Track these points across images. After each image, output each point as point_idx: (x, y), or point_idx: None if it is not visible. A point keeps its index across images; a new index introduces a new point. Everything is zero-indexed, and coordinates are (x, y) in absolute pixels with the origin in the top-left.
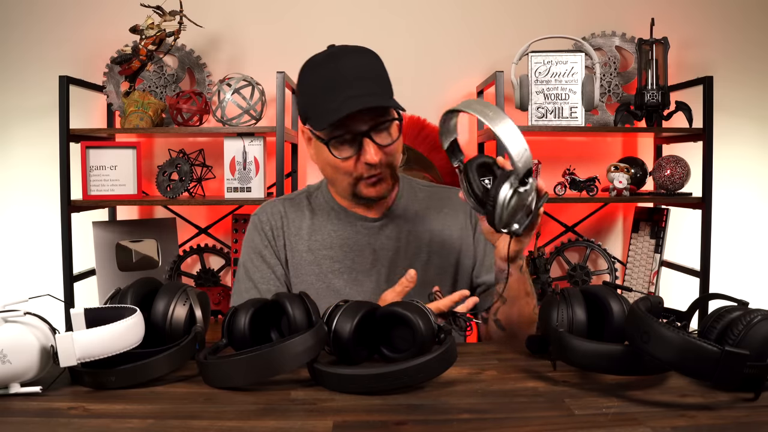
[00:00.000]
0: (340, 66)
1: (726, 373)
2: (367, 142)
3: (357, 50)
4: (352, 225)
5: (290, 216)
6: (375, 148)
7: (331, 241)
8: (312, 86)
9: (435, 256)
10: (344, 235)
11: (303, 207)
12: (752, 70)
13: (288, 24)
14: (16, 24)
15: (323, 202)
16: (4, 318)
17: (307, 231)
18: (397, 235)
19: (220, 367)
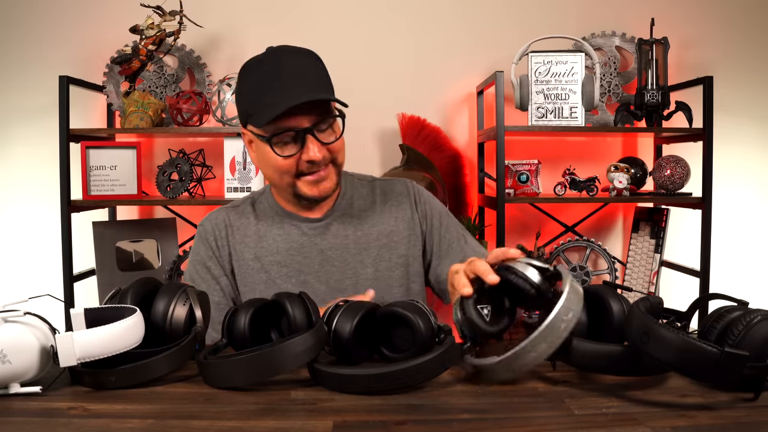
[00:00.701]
0: (280, 65)
1: (726, 374)
2: (310, 139)
3: (296, 50)
4: (297, 227)
5: (235, 225)
6: (318, 145)
7: (277, 246)
8: (252, 85)
9: (384, 250)
10: (290, 239)
11: (248, 214)
12: (752, 69)
13: (288, 24)
14: (16, 24)
15: (267, 207)
16: (4, 318)
17: (253, 238)
18: (343, 233)
19: (220, 367)
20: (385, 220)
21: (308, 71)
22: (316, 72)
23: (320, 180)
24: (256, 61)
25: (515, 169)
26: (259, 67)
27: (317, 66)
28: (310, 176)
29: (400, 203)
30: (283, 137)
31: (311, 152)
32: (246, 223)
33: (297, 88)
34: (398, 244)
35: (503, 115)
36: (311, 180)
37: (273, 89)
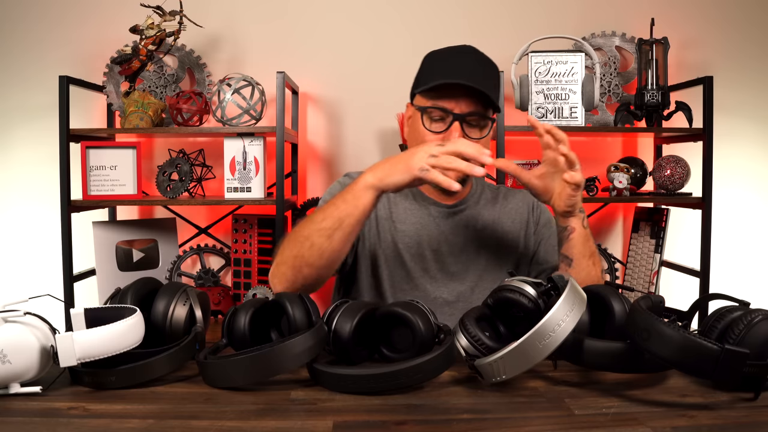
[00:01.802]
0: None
1: (726, 372)
2: (456, 126)
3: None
4: (426, 208)
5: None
6: (461, 133)
7: (406, 217)
8: (432, 58)
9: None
10: (418, 214)
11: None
12: (752, 69)
13: (288, 24)
14: (17, 24)
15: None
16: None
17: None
18: (466, 222)
19: (220, 367)
20: (504, 219)
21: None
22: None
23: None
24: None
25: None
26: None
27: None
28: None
29: (519, 207)
30: (435, 114)
31: (452, 136)
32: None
33: (469, 75)
34: (513, 242)
35: (503, 115)
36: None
37: (450, 65)
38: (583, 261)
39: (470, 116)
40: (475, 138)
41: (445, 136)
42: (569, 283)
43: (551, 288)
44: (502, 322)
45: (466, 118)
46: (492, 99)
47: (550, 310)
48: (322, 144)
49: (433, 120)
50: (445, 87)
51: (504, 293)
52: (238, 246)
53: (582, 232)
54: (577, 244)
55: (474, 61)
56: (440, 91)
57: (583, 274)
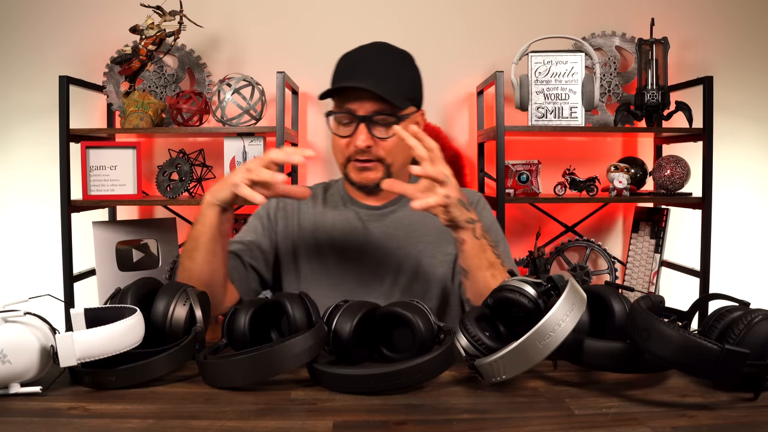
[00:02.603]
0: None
1: (726, 372)
2: (360, 128)
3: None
4: (355, 212)
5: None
6: (366, 134)
7: (333, 225)
8: (339, 63)
9: (431, 246)
10: (345, 221)
11: (317, 196)
12: (752, 69)
13: (288, 24)
14: (16, 24)
15: (336, 192)
16: (4, 318)
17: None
18: (396, 224)
19: (220, 367)
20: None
21: (387, 68)
22: (395, 72)
23: (365, 169)
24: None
25: (515, 169)
26: (352, 52)
27: (401, 67)
28: (358, 162)
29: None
30: (343, 117)
31: (358, 139)
32: (314, 201)
33: (366, 77)
34: (447, 243)
35: (503, 115)
36: (358, 166)
37: (352, 68)
38: (479, 273)
39: (375, 116)
40: (382, 137)
41: (352, 139)
42: (569, 283)
43: (551, 288)
44: (502, 322)
45: (372, 118)
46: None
47: (550, 310)
48: (322, 144)
49: (341, 124)
50: (348, 90)
51: (504, 293)
52: None
53: (474, 243)
54: (470, 256)
55: (382, 59)
56: (345, 95)
57: (480, 285)
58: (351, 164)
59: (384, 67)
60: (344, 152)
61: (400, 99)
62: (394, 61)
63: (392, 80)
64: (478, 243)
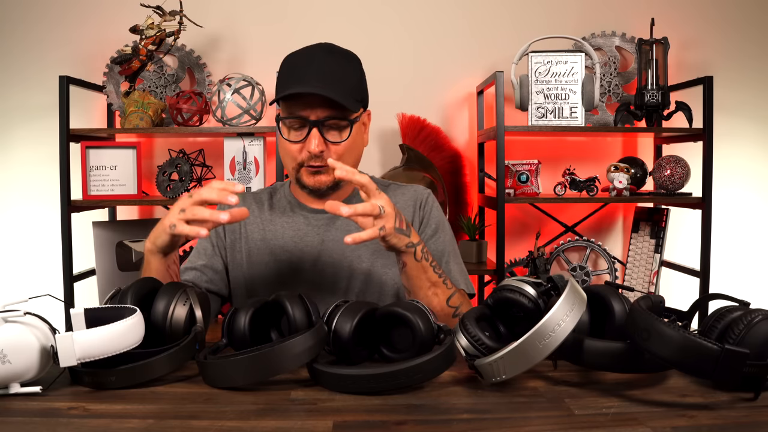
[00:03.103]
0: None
1: (726, 372)
2: (313, 132)
3: (336, 51)
4: (304, 217)
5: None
6: (319, 139)
7: (283, 232)
8: (284, 68)
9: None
10: (295, 227)
11: (263, 201)
12: (752, 69)
13: (288, 24)
14: (17, 24)
15: (283, 197)
16: (4, 318)
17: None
18: (346, 228)
19: (220, 367)
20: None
21: (336, 71)
22: (344, 74)
23: (318, 172)
24: (300, 49)
25: (515, 169)
26: (298, 54)
27: (349, 70)
28: (311, 167)
29: (405, 207)
30: (294, 123)
31: (311, 144)
32: (260, 208)
33: (316, 82)
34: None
35: (503, 115)
36: (311, 171)
37: (296, 75)
38: (421, 292)
39: (327, 121)
40: (335, 141)
41: (305, 144)
42: (569, 283)
43: (551, 288)
44: (502, 322)
45: (324, 123)
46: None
47: (550, 310)
48: None
49: (292, 129)
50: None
51: (504, 293)
52: None
53: (414, 265)
54: (411, 277)
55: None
56: (295, 100)
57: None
58: (303, 169)
59: (331, 69)
60: (296, 158)
61: (351, 101)
62: (340, 62)
63: (341, 82)
64: (419, 265)
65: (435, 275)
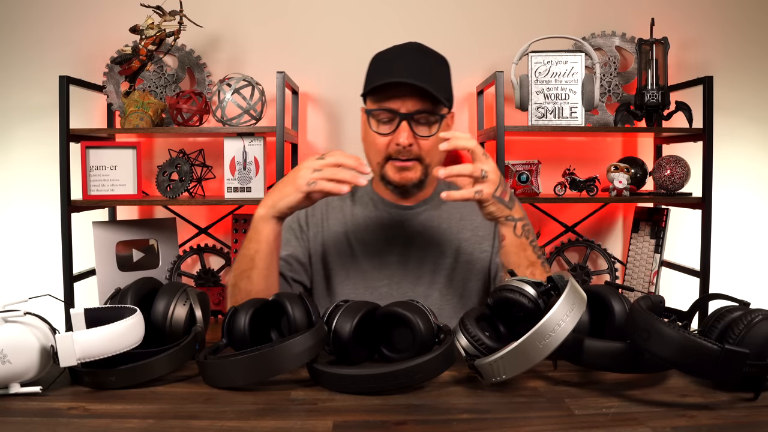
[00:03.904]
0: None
1: (726, 372)
2: (403, 125)
3: (425, 50)
4: (388, 212)
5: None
6: (409, 132)
7: (366, 226)
8: (376, 61)
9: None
10: (378, 221)
11: (345, 198)
12: (752, 69)
13: (288, 24)
14: (16, 24)
15: (365, 193)
16: (4, 318)
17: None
18: (430, 223)
19: (220, 367)
20: (473, 217)
21: (427, 67)
22: (434, 70)
23: (404, 168)
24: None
25: (515, 169)
26: (389, 50)
27: (439, 69)
28: (398, 162)
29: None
30: (383, 116)
31: (401, 137)
32: (342, 203)
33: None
34: (482, 239)
35: (503, 115)
36: (397, 165)
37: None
38: (519, 270)
39: (418, 114)
40: (424, 135)
41: (394, 137)
42: (569, 283)
43: (551, 288)
44: (502, 322)
45: (414, 116)
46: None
47: (550, 310)
48: (322, 144)
49: (380, 122)
50: (389, 87)
51: (504, 293)
52: (238, 246)
53: (514, 241)
54: (509, 253)
55: (418, 58)
56: (385, 92)
57: None
58: (389, 164)
59: (423, 63)
60: (383, 151)
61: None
62: (431, 60)
63: (432, 77)
64: (518, 241)
65: (534, 255)
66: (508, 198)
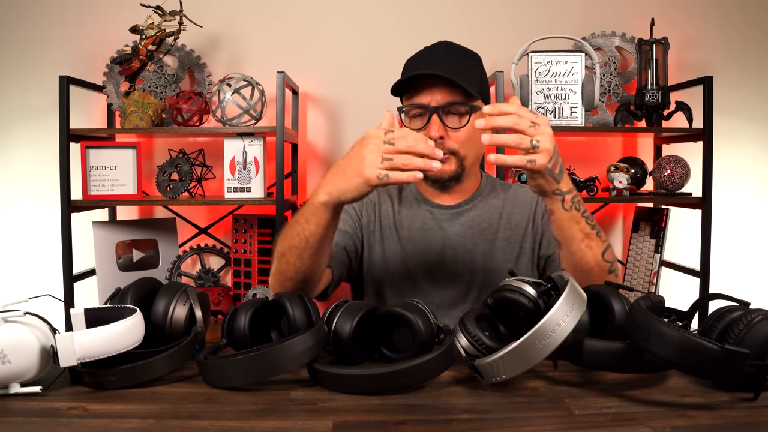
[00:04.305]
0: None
1: (726, 372)
2: (433, 119)
3: (457, 49)
4: (430, 212)
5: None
6: (440, 125)
7: (410, 224)
8: (410, 59)
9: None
10: (421, 220)
11: (393, 195)
12: (752, 69)
13: (288, 24)
14: (17, 24)
15: (409, 192)
16: (4, 318)
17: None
18: (470, 222)
19: (220, 367)
20: (512, 216)
21: (455, 62)
22: (464, 66)
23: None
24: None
25: (515, 169)
26: (422, 50)
27: (469, 63)
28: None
29: (526, 203)
30: (414, 111)
31: (432, 130)
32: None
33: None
34: (522, 238)
35: None
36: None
37: (419, 62)
38: (573, 244)
39: (447, 106)
40: (455, 127)
41: (426, 131)
42: (569, 283)
43: (551, 288)
44: (502, 322)
45: (444, 109)
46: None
47: (550, 310)
48: (322, 144)
49: (412, 118)
50: (418, 83)
51: (504, 293)
52: (238, 246)
53: (563, 215)
54: (561, 227)
55: (445, 53)
56: (415, 89)
57: (576, 257)
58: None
59: (452, 58)
60: None
61: (469, 85)
62: (460, 58)
63: (460, 70)
64: (569, 214)
65: (588, 226)
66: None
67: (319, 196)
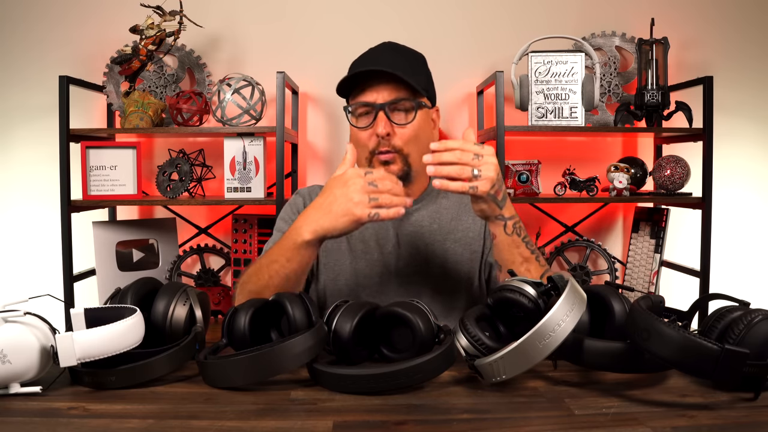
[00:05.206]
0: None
1: (726, 372)
2: (380, 116)
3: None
4: None
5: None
6: (386, 122)
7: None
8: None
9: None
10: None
11: None
12: (752, 69)
13: (288, 24)
14: (17, 24)
15: None
16: (4, 318)
17: None
18: (420, 222)
19: (220, 367)
20: (464, 217)
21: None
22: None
23: (386, 162)
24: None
25: (515, 169)
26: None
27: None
28: (381, 155)
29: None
30: (361, 110)
31: (379, 127)
32: None
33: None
34: (472, 240)
35: (503, 115)
36: (381, 159)
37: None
38: (513, 267)
39: (393, 103)
40: (401, 123)
41: (373, 128)
42: (569, 283)
43: (551, 288)
44: (502, 322)
45: (390, 105)
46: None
47: (550, 310)
48: (322, 144)
49: (359, 116)
50: (363, 82)
51: (504, 293)
52: (238, 246)
53: (505, 240)
54: (501, 250)
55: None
56: (361, 87)
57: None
58: (375, 158)
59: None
60: (367, 146)
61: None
62: (404, 56)
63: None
64: (510, 239)
65: (528, 251)
66: (501, 197)
67: (303, 236)
